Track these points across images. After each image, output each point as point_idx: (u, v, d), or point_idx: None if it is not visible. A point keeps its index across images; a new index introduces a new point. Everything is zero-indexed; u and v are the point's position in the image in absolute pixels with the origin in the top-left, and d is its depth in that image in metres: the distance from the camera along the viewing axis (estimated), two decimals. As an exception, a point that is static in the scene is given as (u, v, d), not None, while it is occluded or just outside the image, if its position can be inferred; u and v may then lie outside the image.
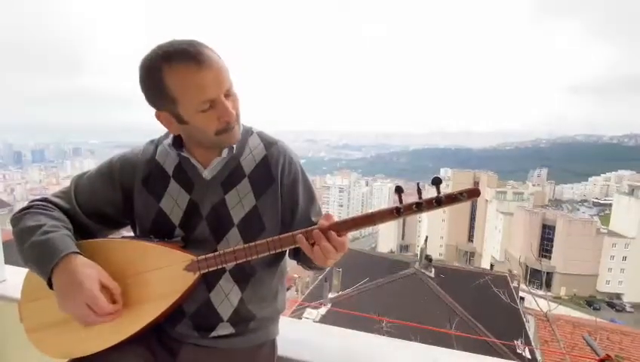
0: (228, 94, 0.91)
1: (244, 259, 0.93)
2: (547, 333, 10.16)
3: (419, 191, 0.87)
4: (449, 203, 0.84)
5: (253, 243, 0.92)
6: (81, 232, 1.00)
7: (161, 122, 0.96)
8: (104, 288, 0.88)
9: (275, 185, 1.03)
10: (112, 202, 1.04)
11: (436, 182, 0.84)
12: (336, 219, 0.90)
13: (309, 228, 0.91)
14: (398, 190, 0.88)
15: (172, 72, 0.86)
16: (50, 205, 0.99)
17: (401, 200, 0.86)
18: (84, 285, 0.84)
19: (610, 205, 54.06)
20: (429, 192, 0.91)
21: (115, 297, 0.90)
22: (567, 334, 9.88)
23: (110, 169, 1.05)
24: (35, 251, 0.88)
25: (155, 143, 1.08)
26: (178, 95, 0.88)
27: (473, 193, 0.84)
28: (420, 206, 0.85)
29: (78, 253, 0.89)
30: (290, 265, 1.18)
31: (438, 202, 0.84)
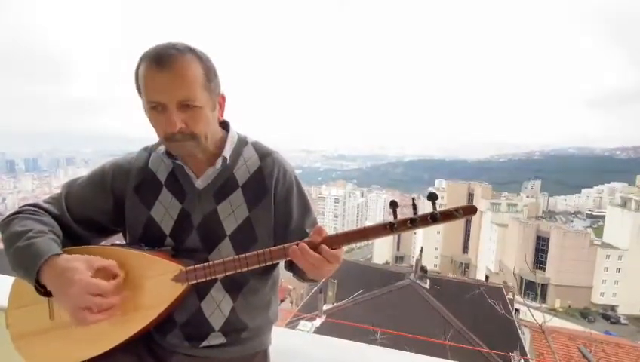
0: (186, 105, 0.89)
1: (234, 271, 0.92)
2: (542, 345, 10.13)
3: (414, 207, 0.85)
4: (444, 220, 0.83)
5: (243, 256, 0.92)
6: (71, 239, 0.99)
7: None
8: (100, 271, 0.87)
9: (269, 197, 1.03)
10: (103, 209, 1.03)
11: (432, 197, 0.83)
12: (328, 233, 0.89)
13: (300, 241, 0.90)
14: (393, 205, 0.87)
15: (141, 68, 0.90)
16: (39, 210, 0.98)
17: (395, 216, 0.85)
18: (75, 277, 0.82)
19: (603, 217, 54.41)
20: (424, 205, 0.90)
21: (114, 271, 0.89)
22: (562, 346, 9.87)
23: (102, 175, 1.04)
24: (19, 256, 0.87)
25: (149, 151, 1.08)
26: (140, 87, 0.92)
27: (469, 210, 0.83)
28: (415, 222, 0.84)
29: (61, 254, 0.87)
30: (284, 276, 1.17)
31: (434, 219, 0.83)
